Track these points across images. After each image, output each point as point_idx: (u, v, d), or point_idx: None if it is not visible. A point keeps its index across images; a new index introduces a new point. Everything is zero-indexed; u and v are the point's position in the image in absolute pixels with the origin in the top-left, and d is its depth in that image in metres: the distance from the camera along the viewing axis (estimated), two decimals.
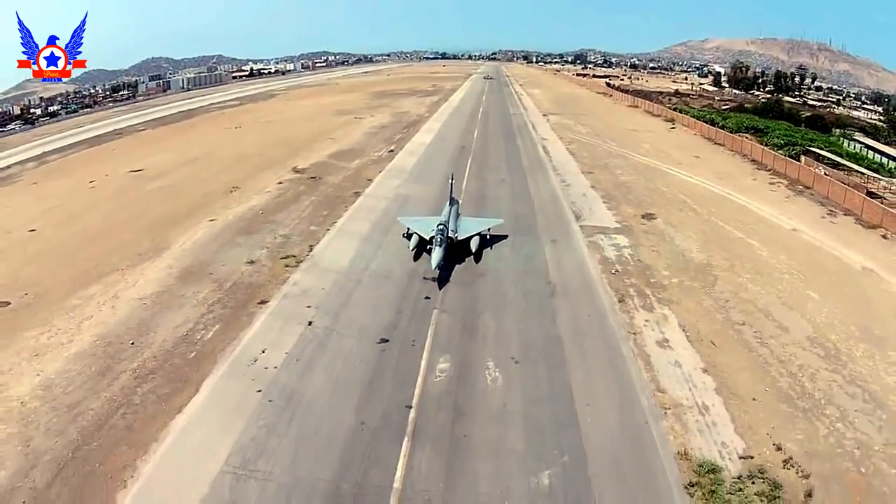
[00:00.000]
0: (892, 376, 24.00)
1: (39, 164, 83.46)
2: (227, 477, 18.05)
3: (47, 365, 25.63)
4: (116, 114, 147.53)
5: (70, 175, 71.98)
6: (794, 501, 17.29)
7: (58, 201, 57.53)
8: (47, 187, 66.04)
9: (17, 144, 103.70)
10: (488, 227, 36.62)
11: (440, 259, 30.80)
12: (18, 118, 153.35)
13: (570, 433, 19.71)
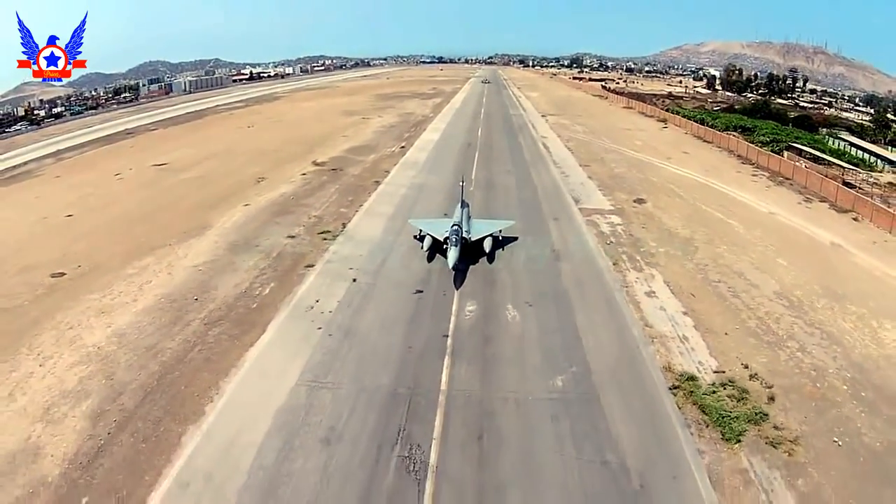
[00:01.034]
0: (849, 323, 28.85)
1: (57, 160, 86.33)
2: (301, 388, 22.84)
3: (116, 319, 29.95)
4: (122, 115, 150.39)
5: (93, 169, 75.90)
6: (758, 403, 22.06)
7: (88, 191, 61.53)
8: (72, 180, 69.68)
9: (28, 143, 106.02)
10: (500, 229, 36.99)
11: (456, 259, 31.20)
12: (23, 119, 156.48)
13: (577, 353, 24.80)
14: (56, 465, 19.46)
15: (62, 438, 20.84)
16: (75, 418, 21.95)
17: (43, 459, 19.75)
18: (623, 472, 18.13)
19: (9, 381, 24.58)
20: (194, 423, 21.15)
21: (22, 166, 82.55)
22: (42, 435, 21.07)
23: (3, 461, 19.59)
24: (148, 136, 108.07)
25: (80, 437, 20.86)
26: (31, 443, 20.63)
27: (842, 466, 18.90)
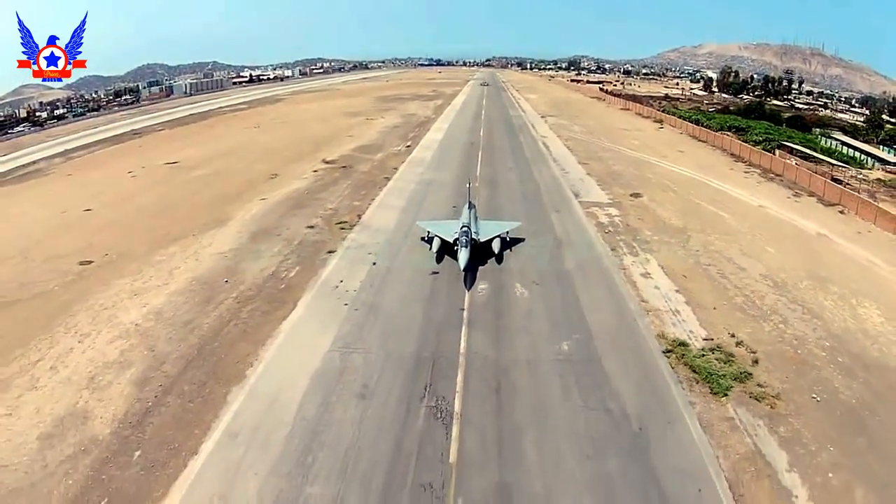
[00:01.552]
0: (829, 301, 31.50)
1: (66, 159, 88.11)
2: (334, 354, 25.43)
3: (151, 299, 32.31)
4: (125, 116, 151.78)
5: (104, 167, 77.89)
6: (744, 365, 24.68)
7: (103, 187, 63.55)
8: (85, 177, 71.62)
9: (33, 144, 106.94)
10: (507, 230, 37.31)
11: (467, 260, 31.57)
12: (25, 120, 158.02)
13: (580, 323, 27.56)
14: (106, 425, 21.64)
15: (109, 403, 23.02)
16: (121, 385, 24.20)
17: (92, 421, 21.92)
18: (624, 418, 20.77)
19: (49, 356, 26.75)
20: (237, 384, 23.60)
21: (31, 165, 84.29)
22: (89, 400, 23.24)
23: (52, 425, 21.64)
24: (155, 136, 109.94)
25: (128, 400, 23.10)
26: (78, 408, 22.77)
27: (820, 418, 21.46)
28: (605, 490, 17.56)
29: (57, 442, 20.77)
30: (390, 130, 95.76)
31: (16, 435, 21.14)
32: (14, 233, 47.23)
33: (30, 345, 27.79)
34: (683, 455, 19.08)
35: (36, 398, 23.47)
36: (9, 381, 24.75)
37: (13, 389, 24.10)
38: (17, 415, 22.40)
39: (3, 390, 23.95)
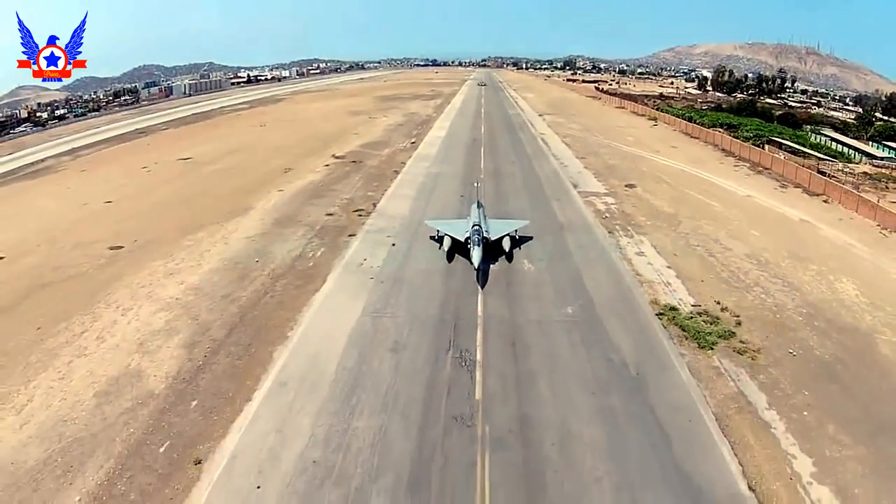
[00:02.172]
0: (808, 276, 34.65)
1: (74, 157, 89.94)
2: (366, 318, 28.61)
3: (186, 278, 35.12)
4: (127, 116, 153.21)
5: (117, 163, 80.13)
6: (728, 326, 27.90)
7: (120, 181, 65.99)
8: (99, 173, 73.86)
9: (37, 143, 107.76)
10: (516, 229, 37.69)
11: (480, 258, 31.94)
12: (26, 121, 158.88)
13: (582, 292, 30.95)
14: (160, 382, 24.39)
15: (161, 363, 25.81)
16: (170, 348, 27.03)
17: (146, 379, 24.61)
18: (623, 365, 24.06)
19: (94, 328, 29.38)
20: (281, 344, 26.69)
21: (40, 163, 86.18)
22: (141, 362, 25.97)
23: (107, 384, 24.21)
24: (161, 134, 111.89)
25: (179, 361, 25.91)
26: (131, 368, 25.47)
27: (796, 369, 24.64)
28: (610, 419, 20.77)
29: (113, 398, 23.34)
30: (394, 128, 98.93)
31: (71, 394, 23.66)
32: (38, 223, 49.63)
33: (72, 319, 30.40)
34: (675, 394, 22.32)
35: (86, 363, 26.08)
36: (56, 350, 27.35)
37: (62, 357, 26.68)
38: (70, 378, 24.92)
39: (52, 358, 26.50)
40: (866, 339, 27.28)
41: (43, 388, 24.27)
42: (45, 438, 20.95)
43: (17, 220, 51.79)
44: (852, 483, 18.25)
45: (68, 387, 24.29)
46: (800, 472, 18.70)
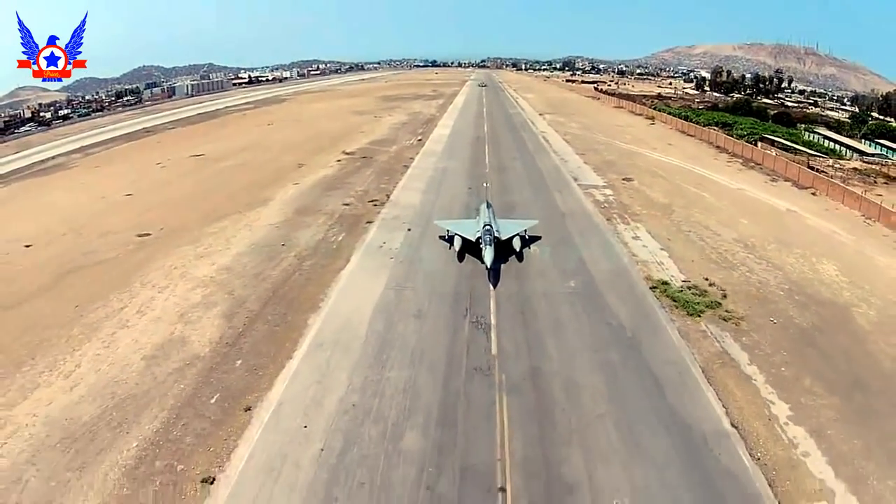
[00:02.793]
0: (792, 258, 37.56)
1: (85, 155, 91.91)
2: (390, 291, 31.66)
3: (217, 259, 37.90)
4: (131, 116, 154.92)
5: (130, 160, 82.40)
6: (715, 298, 30.88)
7: (136, 176, 68.14)
8: (113, 169, 76.07)
9: (44, 142, 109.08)
10: (525, 228, 37.91)
11: (493, 257, 32.44)
12: (30, 120, 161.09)
13: (584, 270, 34.14)
14: (204, 346, 27.11)
15: (203, 331, 28.53)
16: (210, 318, 29.83)
17: (191, 345, 27.27)
18: (620, 328, 27.18)
19: (133, 304, 31.83)
20: (314, 313, 29.69)
21: (51, 161, 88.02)
22: (184, 331, 28.65)
23: (153, 350, 26.74)
24: (169, 133, 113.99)
25: (220, 329, 28.70)
26: (175, 336, 28.12)
27: (775, 334, 27.62)
28: (610, 370, 23.84)
29: (161, 361, 25.84)
30: (400, 127, 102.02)
31: (118, 360, 25.97)
32: (59, 215, 51.87)
33: (109, 297, 32.82)
34: (666, 352, 25.40)
35: (130, 333, 28.61)
36: (97, 324, 29.70)
37: (104, 329, 29.03)
38: (115, 346, 27.28)
39: (94, 331, 28.73)
40: (843, 312, 30.18)
41: (89, 355, 26.62)
42: (98, 397, 23.20)
43: (37, 213, 53.85)
44: (825, 425, 21.06)
45: (115, 354, 26.66)
46: (777, 414, 21.64)
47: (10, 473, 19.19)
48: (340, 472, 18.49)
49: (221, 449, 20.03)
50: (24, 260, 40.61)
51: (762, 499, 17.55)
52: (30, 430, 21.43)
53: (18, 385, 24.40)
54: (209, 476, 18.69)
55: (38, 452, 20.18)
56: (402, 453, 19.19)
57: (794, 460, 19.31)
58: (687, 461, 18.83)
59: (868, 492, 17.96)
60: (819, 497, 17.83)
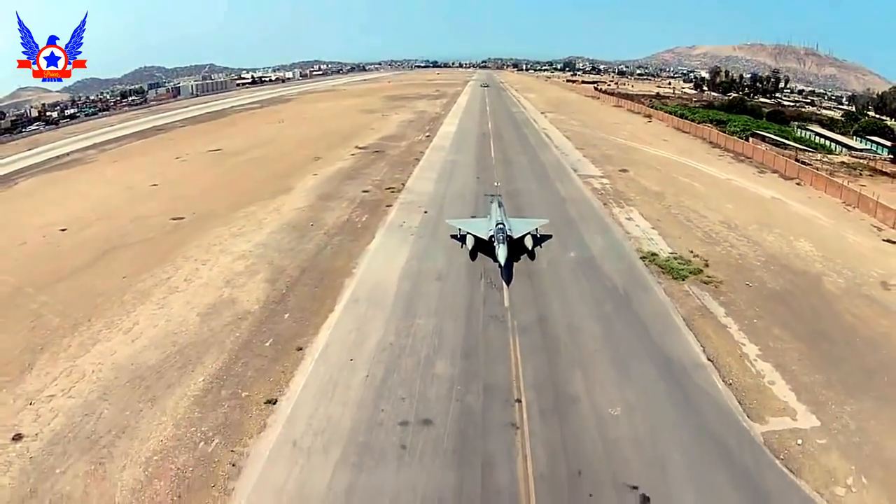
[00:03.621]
0: (771, 237, 41.62)
1: (100, 151, 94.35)
2: (412, 260, 36.04)
3: (253, 237, 41.91)
4: (139, 115, 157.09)
5: (148, 155, 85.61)
6: (698, 266, 35.08)
7: (158, 169, 71.31)
8: (133, 163, 79.21)
9: (55, 140, 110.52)
10: (536, 227, 38.48)
11: (506, 256, 33.00)
12: (37, 119, 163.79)
13: (582, 244, 38.64)
14: (253, 304, 31.13)
15: (251, 293, 32.52)
16: (255, 283, 33.91)
17: (240, 304, 31.20)
18: (614, 288, 31.61)
19: (179, 274, 35.50)
20: (348, 277, 34.04)
21: (66, 156, 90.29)
22: (232, 293, 32.58)
23: (206, 308, 30.42)
24: (181, 131, 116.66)
25: (265, 291, 32.72)
26: (225, 297, 32.03)
27: (750, 294, 31.73)
28: (605, 319, 28.19)
29: (215, 317, 29.62)
30: (407, 124, 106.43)
31: (175, 316, 29.44)
32: (88, 204, 54.60)
33: (154, 270, 36.30)
34: (654, 306, 29.75)
35: (181, 296, 32.31)
36: (148, 290, 33.27)
37: (155, 294, 32.50)
38: (170, 306, 30.72)
39: (145, 296, 32.10)
40: (814, 279, 34.27)
41: (145, 315, 29.98)
42: (160, 346, 26.57)
43: (65, 202, 56.33)
44: (789, 362, 25.08)
45: (170, 312, 30.11)
46: (748, 353, 25.80)
47: (83, 408, 22.37)
48: (384, 391, 22.75)
49: (280, 378, 24.09)
50: (62, 241, 43.82)
51: (733, 412, 21.59)
52: (97, 374, 24.67)
53: (78, 342, 27.56)
54: (272, 398, 22.70)
55: (108, 391, 23.39)
56: (435, 377, 23.49)
57: (761, 386, 23.36)
58: (669, 384, 23.10)
59: (826, 412, 21.75)
60: (783, 413, 21.77)
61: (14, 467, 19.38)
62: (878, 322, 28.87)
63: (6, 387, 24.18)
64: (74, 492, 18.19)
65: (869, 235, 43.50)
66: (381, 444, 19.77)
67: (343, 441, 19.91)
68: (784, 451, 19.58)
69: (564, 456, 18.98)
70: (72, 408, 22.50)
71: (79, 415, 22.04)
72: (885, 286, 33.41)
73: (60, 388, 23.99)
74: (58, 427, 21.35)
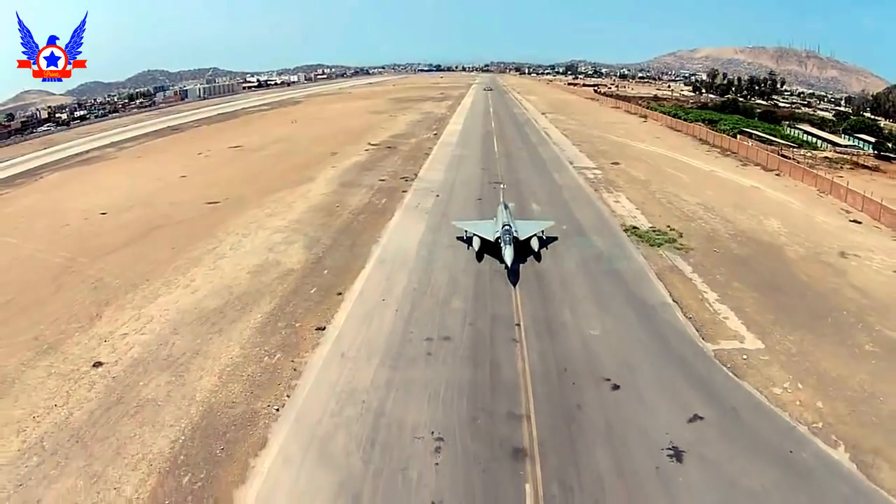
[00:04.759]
0: (744, 216, 47.00)
1: (119, 149, 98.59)
2: (428, 233, 42.03)
3: (286, 216, 47.76)
4: (150, 116, 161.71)
5: (170, 151, 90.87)
6: (672, 237, 40.87)
7: (184, 163, 76.32)
8: (157, 158, 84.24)
9: (69, 140, 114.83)
10: (542, 229, 38.67)
11: (513, 257, 33.28)
12: (47, 121, 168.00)
13: (574, 220, 44.79)
14: (295, 264, 36.92)
15: (291, 255, 38.39)
16: (294, 249, 39.68)
17: (284, 264, 36.87)
18: (599, 252, 37.61)
19: (224, 245, 41.15)
20: (374, 244, 40.10)
21: (86, 154, 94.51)
22: (276, 256, 38.30)
23: (254, 268, 36.03)
24: (197, 131, 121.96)
25: (304, 255, 38.54)
26: (269, 260, 37.78)
27: (716, 258, 37.30)
28: (590, 275, 34.05)
29: (263, 274, 35.31)
30: (415, 124, 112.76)
31: (227, 275, 35.05)
32: (121, 192, 59.42)
33: (199, 242, 41.63)
34: (632, 265, 35.60)
35: (230, 261, 37.90)
36: (198, 257, 38.70)
37: (205, 260, 37.96)
38: (221, 268, 36.33)
39: (196, 262, 37.33)
40: (776, 249, 39.71)
41: (200, 275, 35.31)
42: (218, 295, 32.05)
43: (98, 191, 60.93)
44: (744, 306, 30.41)
45: (222, 272, 35.69)
46: (708, 298, 31.33)
47: (157, 340, 27.26)
48: (412, 320, 28.65)
49: (326, 314, 29.90)
50: (105, 223, 48.63)
51: (691, 336, 27.14)
52: (165, 317, 29.67)
53: (141, 296, 32.55)
54: (321, 326, 28.55)
55: (178, 328, 28.38)
56: (451, 310, 29.48)
57: (716, 320, 28.88)
58: (640, 316, 28.89)
59: (772, 340, 26.86)
60: (733, 338, 27.10)
61: (98, 385, 23.87)
62: (830, 280, 34.02)
63: (78, 331, 28.86)
64: (158, 396, 22.93)
65: (837, 217, 48.64)
66: (411, 353, 25.59)
67: (381, 352, 25.69)
68: (731, 362, 24.92)
69: (554, 359, 24.81)
70: (146, 341, 27.41)
71: (153, 345, 26.92)
72: (843, 255, 38.49)
73: (132, 328, 28.91)
74: (135, 355, 26.17)
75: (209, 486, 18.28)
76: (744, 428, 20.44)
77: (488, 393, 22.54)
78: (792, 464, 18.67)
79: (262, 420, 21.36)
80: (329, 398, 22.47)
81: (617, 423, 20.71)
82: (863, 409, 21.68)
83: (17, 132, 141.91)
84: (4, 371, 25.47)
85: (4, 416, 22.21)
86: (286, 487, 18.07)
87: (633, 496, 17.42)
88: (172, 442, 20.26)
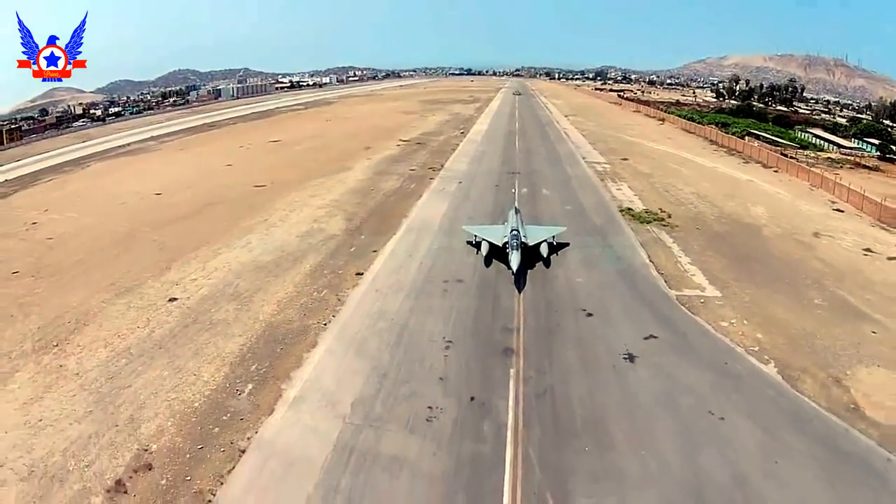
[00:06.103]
0: (732, 203, 52.57)
1: (160, 142, 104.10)
2: (451, 210, 49.02)
3: (326, 197, 55.04)
4: (185, 114, 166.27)
5: (211, 144, 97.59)
6: (662, 217, 47.06)
7: (227, 154, 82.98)
8: (201, 150, 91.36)
9: (105, 134, 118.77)
10: (553, 235, 38.27)
11: (519, 262, 33.09)
12: (82, 116, 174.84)
13: (578, 203, 51.44)
14: (336, 230, 44.25)
15: (333, 224, 45.73)
16: (335, 220, 46.89)
17: (327, 231, 44.06)
18: (596, 227, 44.28)
19: (273, 218, 48.00)
20: (404, 217, 47.27)
21: (126, 146, 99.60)
22: (320, 225, 45.55)
23: (301, 234, 43.12)
24: (233, 127, 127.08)
25: (344, 224, 45.90)
26: (314, 227, 45.06)
27: (698, 235, 43.07)
28: (587, 247, 40.36)
29: (309, 238, 42.53)
30: (444, 123, 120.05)
31: (278, 238, 42.07)
32: (171, 178, 65.36)
33: (250, 216, 48.24)
34: (622, 238, 41.99)
35: (280, 229, 44.82)
36: (250, 227, 45.68)
37: (258, 229, 44.72)
38: (272, 235, 43.31)
39: (249, 231, 43.88)
40: (755, 228, 45.08)
41: (255, 239, 41.95)
42: (272, 252, 38.71)
43: (148, 177, 66.65)
44: (711, 268, 36.01)
45: (274, 236, 42.70)
46: (681, 260, 37.34)
47: (223, 282, 33.74)
48: (433, 269, 35.80)
49: (363, 264, 37.03)
50: (160, 201, 54.55)
51: (659, 286, 33.32)
52: (228, 268, 35.96)
53: (203, 254, 38.68)
54: (360, 272, 35.79)
55: (240, 274, 34.88)
56: (466, 263, 36.53)
57: (684, 277, 34.95)
58: (620, 272, 35.40)
59: (729, 291, 32.19)
60: (695, 288, 32.98)
61: (175, 313, 29.91)
62: (797, 253, 38.76)
63: (151, 279, 34.83)
64: (228, 318, 29.22)
65: (821, 206, 53.18)
66: (431, 289, 32.74)
67: (407, 289, 32.88)
68: (689, 303, 30.94)
69: (543, 297, 31.67)
70: (213, 284, 33.76)
71: (220, 286, 33.36)
72: (817, 235, 43.26)
73: (199, 275, 35.14)
74: (205, 292, 32.47)
75: (271, 369, 24.88)
76: (689, 345, 26.47)
77: (489, 316, 29.50)
78: (726, 372, 24.22)
79: (313, 331, 28.27)
80: (365, 317, 29.50)
81: (586, 337, 27.36)
82: (800, 343, 26.22)
83: (53, 127, 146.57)
84: (87, 307, 31.18)
85: (91, 336, 27.83)
86: (332, 369, 24.85)
87: (592, 380, 23.80)
88: (241, 346, 26.92)
